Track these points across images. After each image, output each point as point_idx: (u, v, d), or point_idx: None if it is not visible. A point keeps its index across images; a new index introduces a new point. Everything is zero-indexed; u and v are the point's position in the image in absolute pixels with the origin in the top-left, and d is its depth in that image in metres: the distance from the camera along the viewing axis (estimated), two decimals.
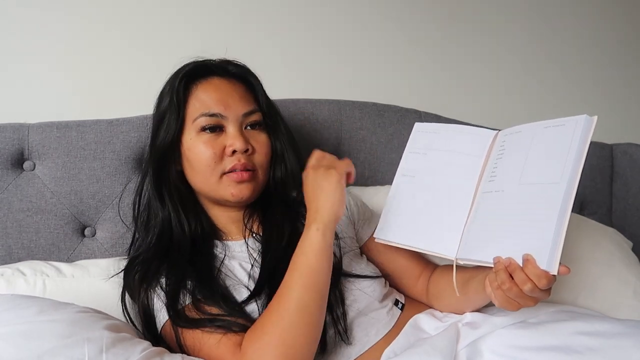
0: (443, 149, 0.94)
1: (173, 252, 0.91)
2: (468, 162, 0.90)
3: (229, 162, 0.92)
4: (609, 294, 1.14)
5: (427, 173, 0.94)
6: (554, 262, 0.73)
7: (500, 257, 0.75)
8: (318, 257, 0.81)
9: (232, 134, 0.92)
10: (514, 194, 0.81)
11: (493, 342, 0.83)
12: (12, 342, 0.66)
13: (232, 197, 0.93)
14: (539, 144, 0.81)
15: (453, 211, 0.88)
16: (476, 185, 0.88)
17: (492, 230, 0.81)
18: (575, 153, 0.76)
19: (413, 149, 0.98)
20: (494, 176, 0.85)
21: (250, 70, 1.00)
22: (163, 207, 0.95)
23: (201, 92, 0.94)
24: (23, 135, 1.12)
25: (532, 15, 1.72)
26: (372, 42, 1.55)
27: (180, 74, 0.95)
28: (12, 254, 1.09)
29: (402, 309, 0.97)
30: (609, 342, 0.77)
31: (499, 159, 0.86)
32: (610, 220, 1.55)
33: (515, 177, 0.82)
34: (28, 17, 1.26)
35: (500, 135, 0.89)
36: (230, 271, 0.91)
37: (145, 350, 0.71)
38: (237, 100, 0.94)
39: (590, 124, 0.78)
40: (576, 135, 0.78)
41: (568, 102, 1.73)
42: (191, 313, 0.83)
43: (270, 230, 0.95)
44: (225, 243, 0.96)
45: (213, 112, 0.92)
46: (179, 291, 0.85)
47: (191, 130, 0.93)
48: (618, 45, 1.82)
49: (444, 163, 0.93)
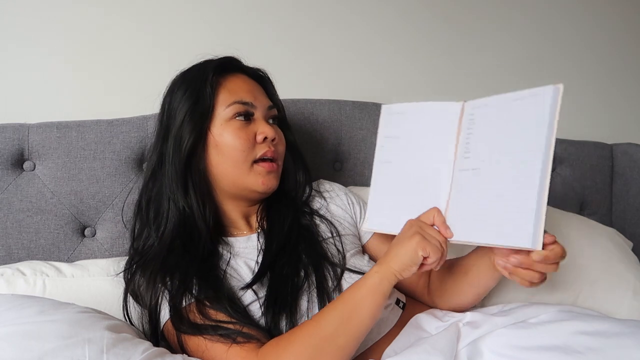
0: (414, 130, 0.94)
1: (188, 246, 0.90)
2: (441, 140, 0.90)
3: (260, 149, 0.95)
4: (609, 294, 1.14)
5: (404, 157, 0.95)
6: (538, 239, 0.75)
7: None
8: (366, 296, 0.80)
9: (262, 123, 0.97)
10: (491, 173, 0.81)
11: (493, 342, 0.83)
12: (13, 342, 0.66)
13: (263, 185, 0.95)
14: (509, 118, 0.81)
15: (433, 193, 0.89)
16: (452, 163, 0.88)
17: (475, 210, 0.82)
18: (547, 126, 0.77)
19: (386, 133, 0.98)
20: (467, 152, 0.85)
21: (266, 73, 1.06)
22: (186, 200, 0.93)
23: (231, 83, 0.98)
24: (23, 135, 1.12)
25: (532, 16, 1.72)
26: (372, 42, 1.55)
27: (210, 66, 0.97)
28: (12, 254, 1.09)
29: (403, 308, 0.97)
30: (609, 342, 0.77)
31: (470, 133, 0.86)
32: (610, 220, 1.55)
33: (490, 154, 0.82)
34: (28, 17, 1.26)
35: (467, 107, 0.88)
36: (235, 270, 0.91)
37: (146, 351, 0.71)
38: (262, 94, 1.01)
39: (557, 94, 0.78)
40: (545, 107, 0.77)
41: (568, 102, 1.73)
42: (194, 316, 0.82)
43: (274, 219, 0.98)
44: (230, 240, 0.96)
45: (245, 101, 0.96)
46: (184, 291, 0.84)
47: (221, 118, 0.95)
48: (618, 45, 1.82)
49: (416, 144, 0.93)
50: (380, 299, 0.80)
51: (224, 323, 0.81)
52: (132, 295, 0.91)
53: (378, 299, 0.80)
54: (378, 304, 0.80)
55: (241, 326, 0.81)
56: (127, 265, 0.94)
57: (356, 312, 0.78)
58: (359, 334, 0.79)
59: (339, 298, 0.81)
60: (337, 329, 0.77)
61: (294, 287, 0.87)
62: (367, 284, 0.80)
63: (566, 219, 1.28)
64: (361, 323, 0.79)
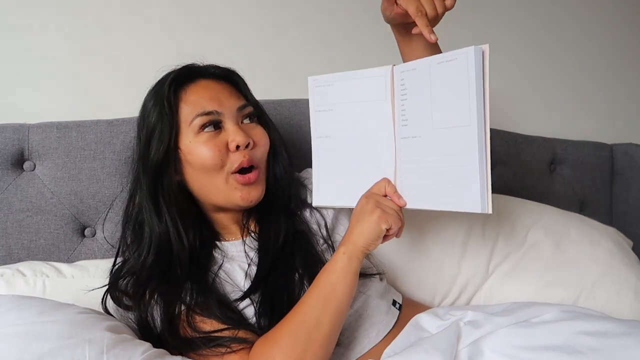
0: (346, 100, 0.93)
1: (172, 269, 0.88)
2: (375, 108, 0.90)
3: (235, 160, 0.90)
4: (610, 294, 1.14)
5: (341, 129, 0.94)
6: (488, 203, 0.77)
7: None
8: (340, 279, 0.81)
9: (232, 130, 0.90)
10: (431, 139, 0.83)
11: (495, 342, 0.83)
12: (13, 343, 0.66)
13: (242, 200, 0.91)
14: (439, 83, 0.82)
15: (379, 163, 0.90)
16: (392, 131, 0.88)
17: (422, 176, 0.84)
18: (476, 89, 0.77)
19: (317, 107, 0.97)
20: (405, 120, 0.86)
21: (234, 71, 1.00)
22: (160, 221, 0.91)
23: (191, 94, 0.92)
24: (23, 135, 1.11)
25: (532, 16, 1.72)
26: (372, 42, 1.55)
27: (167, 81, 0.93)
28: (12, 254, 1.08)
29: (400, 310, 0.97)
30: (611, 342, 0.77)
31: (404, 100, 0.86)
32: (611, 220, 1.56)
33: (427, 121, 0.83)
34: (28, 18, 1.26)
35: (397, 72, 0.88)
36: (228, 275, 0.90)
37: (146, 352, 0.71)
38: (229, 96, 0.93)
39: (480, 55, 0.78)
40: (470, 70, 0.77)
41: (568, 102, 1.73)
42: (184, 330, 0.81)
43: (268, 229, 0.94)
44: (224, 244, 0.95)
45: (208, 110, 0.90)
46: (174, 308, 0.82)
47: (188, 134, 0.90)
48: (618, 45, 1.82)
49: (353, 115, 0.92)
50: (353, 278, 0.82)
51: (216, 332, 0.80)
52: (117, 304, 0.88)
53: (350, 278, 0.81)
54: (351, 284, 0.82)
55: (236, 330, 0.80)
56: (111, 291, 0.89)
57: (334, 296, 0.80)
58: (340, 316, 0.81)
59: (313, 286, 0.82)
60: (320, 317, 0.78)
61: (290, 294, 0.86)
62: (338, 267, 0.81)
63: (567, 218, 1.28)
64: (340, 305, 0.80)
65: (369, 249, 0.83)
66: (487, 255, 1.16)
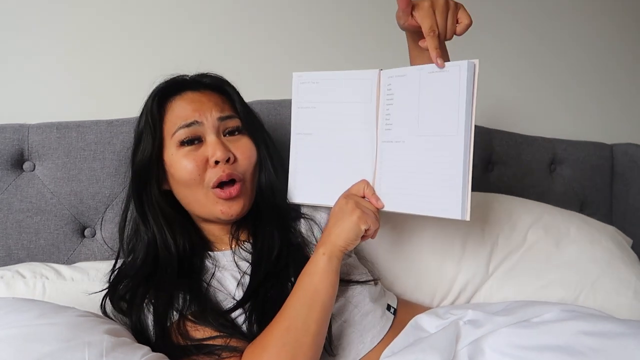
0: (330, 100, 0.94)
1: (160, 275, 0.88)
2: (359, 110, 0.91)
3: (214, 174, 0.90)
4: (609, 293, 1.14)
5: (323, 128, 0.95)
6: (467, 210, 0.79)
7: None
8: (322, 279, 0.81)
9: (211, 143, 0.90)
10: (415, 146, 0.84)
11: (495, 341, 0.83)
12: (13, 345, 0.66)
13: (222, 214, 0.92)
14: (428, 92, 0.83)
15: (359, 164, 0.90)
16: (375, 133, 0.89)
17: (402, 181, 0.85)
18: (465, 102, 0.79)
19: (300, 103, 0.97)
20: (389, 124, 0.87)
21: (225, 80, 1.00)
22: (147, 229, 0.93)
23: (176, 106, 0.94)
24: (23, 135, 1.11)
25: (532, 16, 1.72)
26: (371, 42, 1.55)
27: (153, 95, 0.95)
28: (11, 255, 1.09)
29: (394, 314, 0.96)
30: (612, 343, 0.77)
31: (390, 104, 0.87)
32: (611, 220, 1.56)
33: (412, 128, 0.84)
34: (28, 17, 1.26)
35: (384, 76, 0.88)
36: (220, 284, 0.89)
37: (145, 356, 0.71)
38: (212, 106, 0.93)
39: (472, 69, 0.79)
40: (462, 82, 0.79)
41: (568, 102, 1.73)
42: (177, 338, 0.81)
43: (262, 242, 0.93)
44: (216, 254, 0.95)
45: (189, 122, 0.91)
46: (167, 315, 0.83)
47: (171, 146, 0.92)
48: (618, 45, 1.82)
49: (336, 115, 0.93)
50: (334, 277, 0.83)
51: (208, 340, 0.80)
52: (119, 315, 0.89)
53: (332, 277, 0.82)
54: (333, 282, 0.83)
55: (228, 339, 0.80)
56: (108, 294, 0.91)
57: (318, 297, 0.80)
58: (326, 315, 0.81)
59: (296, 289, 0.82)
60: (306, 320, 0.78)
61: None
62: (319, 268, 0.82)
63: (567, 217, 1.28)
64: (325, 305, 0.81)
65: (347, 249, 0.84)
66: (486, 255, 1.16)
